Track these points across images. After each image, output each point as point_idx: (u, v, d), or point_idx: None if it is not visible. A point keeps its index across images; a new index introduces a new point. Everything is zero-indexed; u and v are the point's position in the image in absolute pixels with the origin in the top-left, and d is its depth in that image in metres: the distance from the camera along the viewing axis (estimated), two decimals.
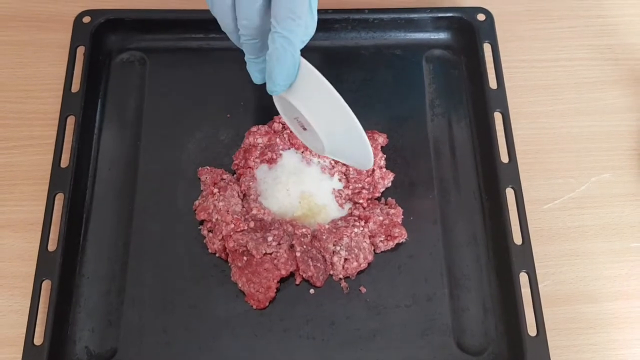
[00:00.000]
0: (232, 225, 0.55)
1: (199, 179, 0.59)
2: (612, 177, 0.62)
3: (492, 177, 0.58)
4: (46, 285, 0.52)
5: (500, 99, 0.61)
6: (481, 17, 0.64)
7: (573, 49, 0.68)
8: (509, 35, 0.67)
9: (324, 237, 0.54)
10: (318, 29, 0.55)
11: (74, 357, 0.52)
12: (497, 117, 0.60)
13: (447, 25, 0.66)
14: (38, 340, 0.51)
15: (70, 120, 0.59)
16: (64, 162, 0.57)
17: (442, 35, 0.66)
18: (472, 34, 0.64)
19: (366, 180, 0.58)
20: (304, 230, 0.55)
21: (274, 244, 0.54)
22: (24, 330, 0.51)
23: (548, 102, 0.65)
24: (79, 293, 0.54)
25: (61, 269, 0.53)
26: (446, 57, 0.66)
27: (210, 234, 0.56)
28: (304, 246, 0.54)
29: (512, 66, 0.65)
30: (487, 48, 0.63)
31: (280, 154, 0.59)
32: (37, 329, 0.51)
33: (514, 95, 0.63)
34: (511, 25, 0.68)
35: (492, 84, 0.61)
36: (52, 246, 0.54)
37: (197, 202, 0.57)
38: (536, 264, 0.54)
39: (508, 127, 0.60)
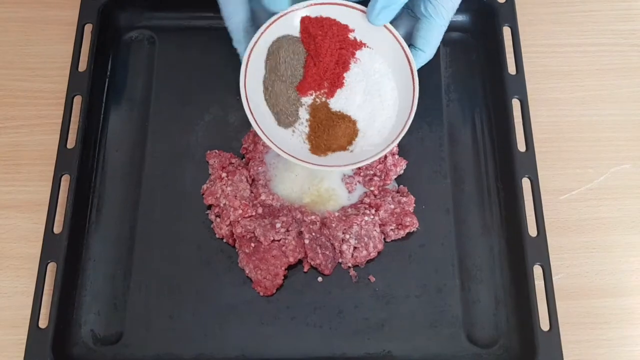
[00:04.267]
0: (240, 211, 0.54)
1: (207, 162, 0.57)
2: (632, 168, 0.60)
3: (508, 166, 0.56)
4: (52, 267, 0.52)
5: (519, 85, 0.59)
6: None
7: (596, 34, 0.65)
8: (530, 19, 0.65)
9: (334, 224, 0.53)
10: None
11: (80, 340, 0.52)
12: (515, 103, 0.58)
13: (466, 7, 0.62)
14: (43, 323, 0.50)
15: (77, 100, 0.58)
16: (71, 142, 0.56)
17: (460, 18, 0.64)
18: (491, 16, 0.62)
19: (378, 167, 0.57)
20: (313, 217, 0.54)
21: (282, 230, 0.53)
22: (30, 312, 0.50)
23: (568, 89, 0.63)
24: (85, 276, 0.54)
25: (67, 251, 0.52)
26: (464, 41, 0.64)
27: (218, 219, 0.55)
28: (313, 233, 0.53)
29: (532, 51, 0.63)
30: (506, 32, 0.61)
31: None
32: (42, 312, 0.51)
33: (533, 82, 0.61)
34: (532, 8, 0.66)
35: (511, 69, 0.59)
36: (57, 228, 0.53)
37: (205, 186, 0.56)
38: (551, 256, 0.53)
39: (526, 114, 0.58)
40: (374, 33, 0.52)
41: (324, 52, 0.50)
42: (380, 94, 0.52)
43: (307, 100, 0.51)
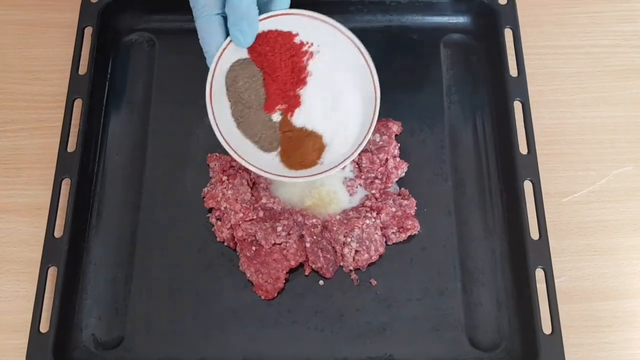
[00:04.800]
0: (241, 214, 0.54)
1: (208, 165, 0.57)
2: (634, 170, 0.59)
3: (510, 169, 0.56)
4: (52, 271, 0.52)
5: (520, 87, 0.58)
6: (502, 0, 0.62)
7: (598, 35, 0.65)
8: (531, 20, 0.64)
9: (335, 228, 0.53)
10: (333, 12, 0.53)
11: (81, 344, 0.52)
12: (517, 106, 0.58)
13: (467, 8, 0.63)
14: (44, 327, 0.50)
15: (78, 103, 0.58)
16: (71, 146, 0.56)
17: (461, 19, 0.64)
18: (492, 18, 0.62)
19: (379, 170, 0.56)
20: (314, 220, 0.54)
21: (284, 234, 0.53)
22: (30, 317, 0.50)
23: (570, 91, 0.63)
24: (86, 280, 0.54)
25: (67, 255, 0.52)
26: (465, 42, 0.63)
27: (219, 223, 0.55)
28: (314, 237, 0.53)
29: (534, 53, 0.63)
30: (508, 33, 0.61)
31: None
32: (43, 316, 0.51)
33: (535, 84, 0.61)
34: (534, 9, 0.65)
35: (513, 71, 0.59)
36: (58, 232, 0.53)
37: (205, 190, 0.56)
38: (553, 259, 0.52)
39: (528, 116, 0.57)
40: (325, 37, 0.51)
41: (278, 66, 0.50)
42: (340, 103, 0.51)
43: (277, 117, 0.51)
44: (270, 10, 0.50)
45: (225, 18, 0.49)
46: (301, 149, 0.51)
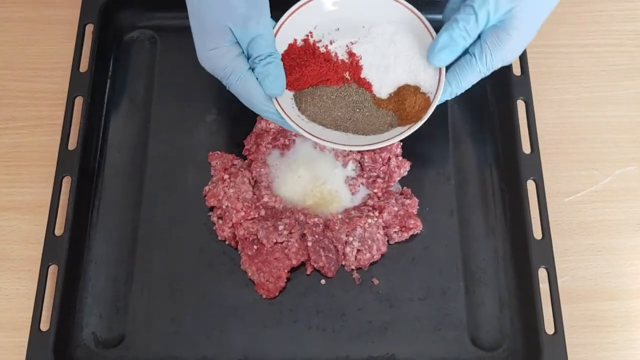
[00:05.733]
0: (243, 213, 0.53)
1: (209, 163, 0.57)
2: (637, 170, 0.59)
3: (513, 168, 0.56)
4: (53, 270, 0.52)
5: (523, 86, 0.58)
6: None
7: (601, 35, 0.65)
8: None
9: (337, 227, 0.53)
10: None
11: (81, 343, 0.52)
12: (520, 105, 0.58)
13: None
14: (44, 325, 0.50)
15: (79, 101, 0.57)
16: (72, 144, 0.56)
17: None
18: None
19: (381, 169, 0.56)
20: (316, 219, 0.54)
21: (285, 233, 0.53)
22: (31, 315, 0.50)
23: (574, 90, 0.62)
24: (86, 278, 0.54)
25: (68, 253, 0.52)
26: None
27: (220, 221, 0.54)
28: (316, 236, 0.53)
29: (537, 52, 0.63)
30: None
31: (294, 140, 0.57)
32: (43, 314, 0.50)
33: (538, 83, 0.60)
34: None
35: (516, 70, 0.59)
36: (59, 230, 0.53)
37: (207, 188, 0.56)
38: (556, 259, 0.52)
39: (531, 115, 0.57)
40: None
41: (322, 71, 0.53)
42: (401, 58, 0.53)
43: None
44: None
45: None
46: (406, 102, 0.52)
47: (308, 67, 0.51)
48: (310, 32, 0.54)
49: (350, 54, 0.54)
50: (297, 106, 0.52)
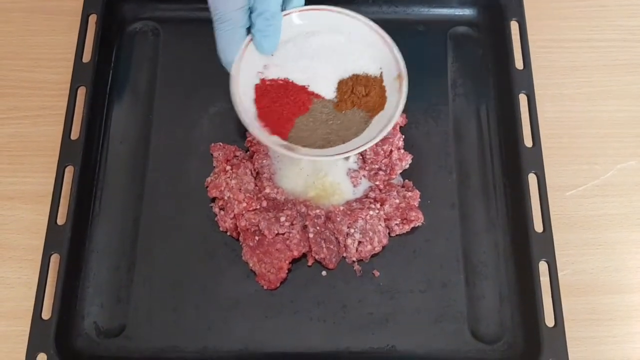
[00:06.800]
0: (244, 204, 0.53)
1: (212, 155, 0.57)
2: (638, 164, 0.59)
3: (515, 162, 0.56)
4: (55, 259, 0.52)
5: (526, 80, 0.58)
6: None
7: (604, 29, 0.65)
8: (537, 14, 0.64)
9: (338, 219, 0.53)
10: (339, 3, 0.53)
11: (82, 332, 0.52)
12: (522, 99, 0.58)
13: (473, 1, 0.63)
14: (46, 314, 0.50)
15: (81, 91, 0.58)
16: (74, 134, 0.56)
17: (467, 12, 0.63)
18: (498, 10, 0.61)
19: (383, 162, 0.56)
20: (317, 211, 0.54)
21: (287, 224, 0.53)
22: (33, 304, 0.50)
23: (576, 85, 0.62)
24: (88, 268, 0.54)
25: (70, 243, 0.52)
26: (471, 35, 0.63)
27: (222, 212, 0.54)
28: (317, 227, 0.53)
29: (539, 46, 0.63)
30: (514, 26, 0.61)
31: None
32: (45, 304, 0.51)
33: (540, 77, 0.60)
34: (540, 2, 0.65)
35: (518, 64, 0.59)
36: (61, 220, 0.53)
37: (209, 179, 0.56)
38: (556, 252, 0.52)
39: (533, 109, 0.57)
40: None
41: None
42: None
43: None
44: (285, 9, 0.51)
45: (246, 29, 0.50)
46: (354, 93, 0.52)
47: (286, 106, 0.51)
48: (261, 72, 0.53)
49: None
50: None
